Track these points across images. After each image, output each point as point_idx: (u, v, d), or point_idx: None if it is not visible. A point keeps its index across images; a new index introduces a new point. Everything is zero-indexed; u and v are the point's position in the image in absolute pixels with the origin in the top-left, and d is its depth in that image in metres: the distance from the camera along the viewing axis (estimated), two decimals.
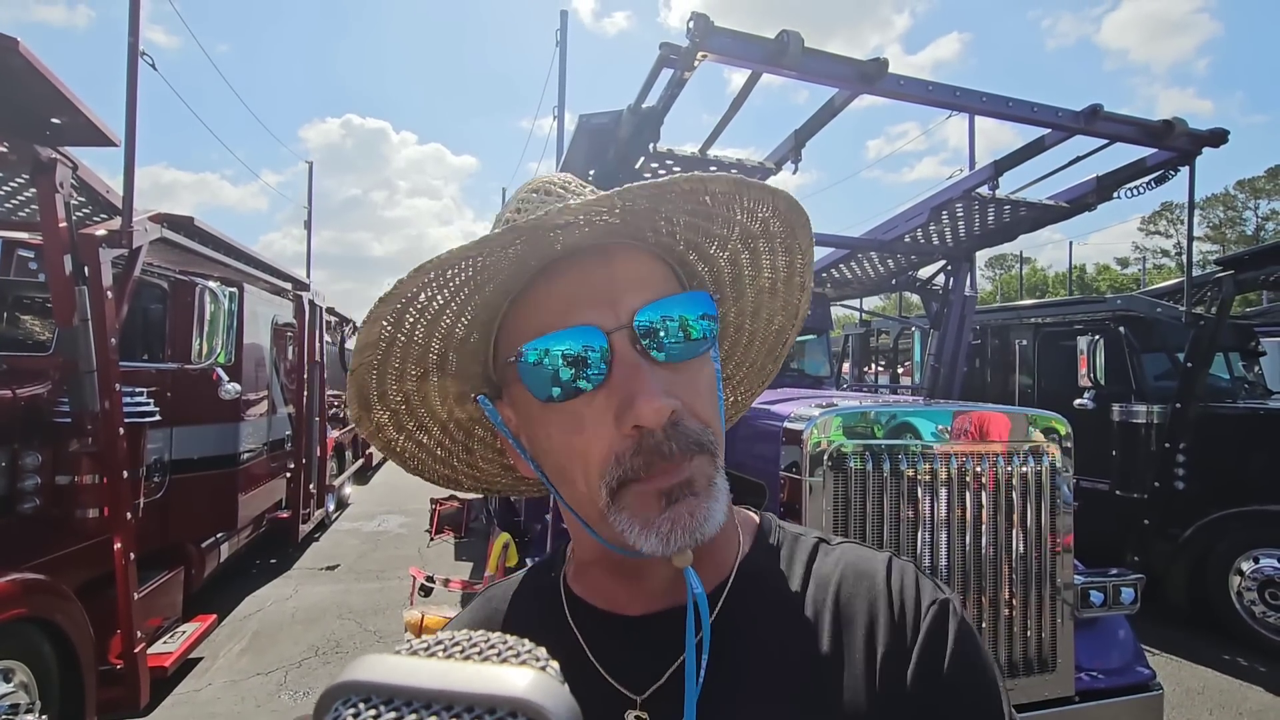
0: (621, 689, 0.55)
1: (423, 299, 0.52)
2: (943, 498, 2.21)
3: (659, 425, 0.49)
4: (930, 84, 3.12)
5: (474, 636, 0.30)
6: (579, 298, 0.53)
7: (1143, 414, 5.02)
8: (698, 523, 0.50)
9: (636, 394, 0.49)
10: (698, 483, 0.51)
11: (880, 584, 0.57)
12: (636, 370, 0.50)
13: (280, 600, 5.13)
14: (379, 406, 0.60)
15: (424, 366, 0.58)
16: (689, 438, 0.50)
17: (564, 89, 6.84)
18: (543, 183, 0.60)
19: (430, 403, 0.62)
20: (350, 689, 0.26)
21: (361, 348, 0.54)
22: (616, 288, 0.53)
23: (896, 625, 0.55)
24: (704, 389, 0.54)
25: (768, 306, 0.67)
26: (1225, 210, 40.75)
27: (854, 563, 0.59)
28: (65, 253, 2.76)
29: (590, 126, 3.30)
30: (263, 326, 5.45)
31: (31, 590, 2.52)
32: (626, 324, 0.51)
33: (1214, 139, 3.55)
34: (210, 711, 3.42)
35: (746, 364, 0.72)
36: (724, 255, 0.61)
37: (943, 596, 0.57)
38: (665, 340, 0.52)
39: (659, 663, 0.55)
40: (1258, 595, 4.32)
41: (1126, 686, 2.34)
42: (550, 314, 0.53)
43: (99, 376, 2.88)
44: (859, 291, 6.73)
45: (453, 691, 0.25)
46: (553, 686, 0.26)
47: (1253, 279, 4.98)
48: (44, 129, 2.65)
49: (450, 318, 0.55)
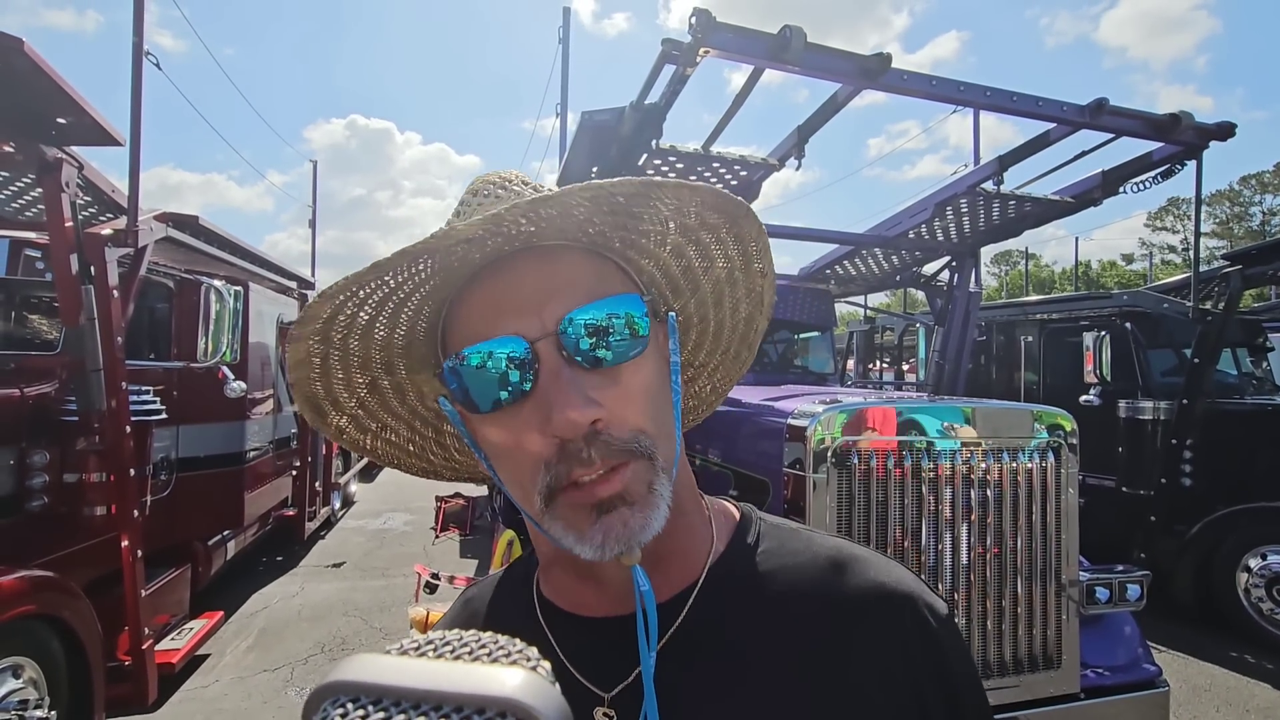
0: (591, 687, 0.56)
1: (343, 317, 0.52)
2: (947, 494, 2.20)
3: (576, 435, 0.49)
4: (934, 79, 3.10)
5: (464, 636, 0.30)
6: (502, 306, 0.52)
7: (1149, 410, 5.00)
8: (631, 531, 0.50)
9: (554, 403, 0.49)
10: (633, 492, 0.50)
11: (856, 579, 0.57)
12: (558, 378, 0.50)
13: (286, 597, 5.16)
14: (334, 412, 0.60)
15: (370, 374, 0.58)
16: (610, 447, 0.50)
17: (567, 84, 6.84)
18: (482, 183, 0.59)
19: (389, 405, 0.62)
20: (339, 689, 0.25)
21: (293, 365, 0.54)
22: (542, 293, 0.52)
23: (873, 620, 0.55)
24: (637, 393, 0.53)
25: (730, 295, 0.66)
26: (1232, 205, 40.46)
27: (830, 556, 0.59)
28: (71, 252, 2.77)
29: (593, 123, 3.29)
30: (268, 325, 5.47)
31: (40, 587, 2.53)
32: (552, 331, 0.51)
33: (1221, 133, 3.52)
34: (217, 708, 3.44)
35: (719, 351, 0.72)
36: (666, 250, 0.60)
37: (918, 590, 0.57)
38: (592, 344, 0.51)
39: (626, 662, 0.55)
40: (1265, 592, 4.30)
41: (1132, 683, 2.33)
42: (475, 323, 0.53)
43: (105, 375, 2.89)
44: (863, 288, 6.70)
45: (442, 691, 0.24)
46: (543, 687, 0.26)
47: (1260, 274, 4.95)
48: (50, 129, 2.67)
49: (384, 329, 0.55)
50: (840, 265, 5.71)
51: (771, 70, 2.94)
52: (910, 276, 5.85)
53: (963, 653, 0.57)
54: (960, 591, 2.20)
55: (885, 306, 10.43)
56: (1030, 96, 3.20)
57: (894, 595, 0.56)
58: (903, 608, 0.55)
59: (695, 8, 2.62)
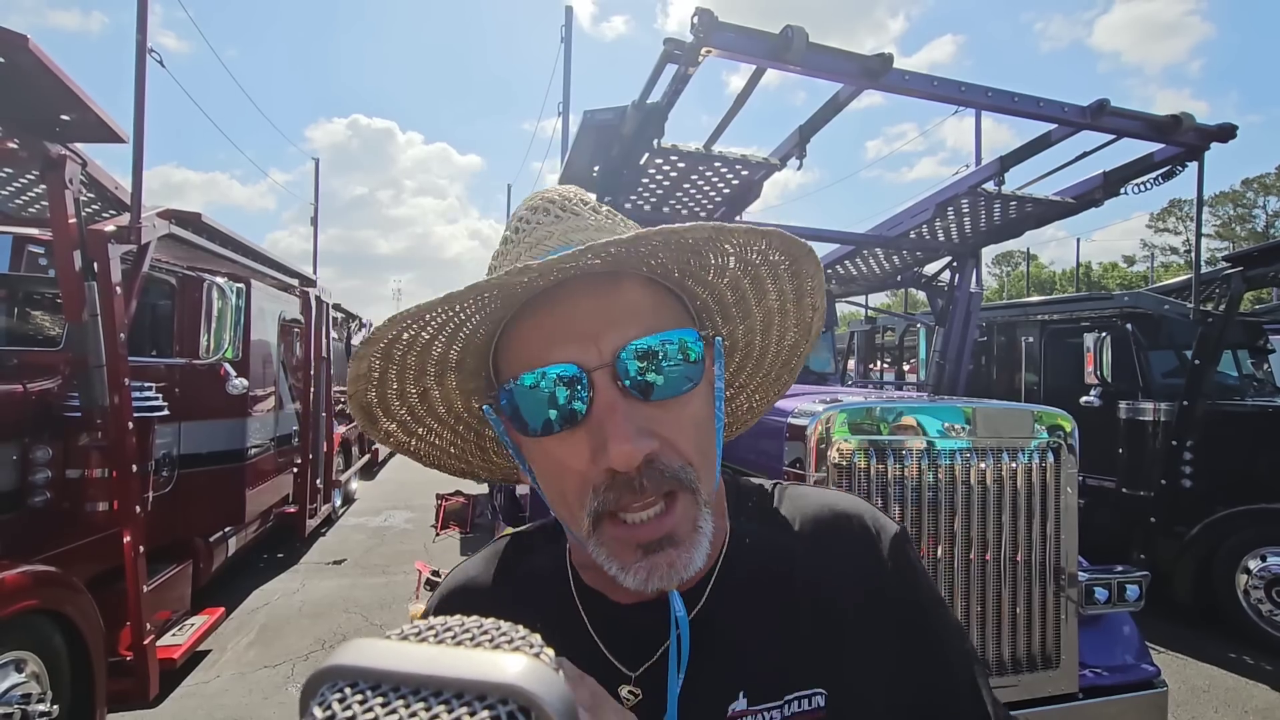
0: (618, 665, 0.58)
1: (406, 338, 0.53)
2: (947, 494, 2.20)
3: (630, 469, 0.49)
4: (935, 79, 3.11)
5: (466, 622, 0.29)
6: (562, 333, 0.52)
7: (1150, 411, 4.99)
8: (676, 571, 0.51)
9: (610, 436, 0.49)
10: (679, 532, 0.52)
11: (853, 522, 0.64)
12: (614, 411, 0.50)
13: (287, 594, 5.17)
14: (384, 418, 0.62)
15: (423, 385, 0.60)
16: (663, 475, 0.51)
17: (569, 82, 6.84)
18: (543, 200, 0.60)
19: (436, 412, 0.63)
20: (337, 673, 0.25)
21: (354, 379, 0.56)
22: (601, 322, 0.52)
23: (874, 557, 0.62)
24: (688, 425, 0.54)
25: (778, 325, 0.67)
26: (1235, 207, 40.38)
27: (814, 506, 0.66)
28: (74, 249, 2.78)
29: (594, 122, 3.30)
30: (270, 322, 5.48)
31: (42, 582, 2.54)
32: (609, 361, 0.51)
33: (1222, 134, 3.53)
34: (218, 703, 3.45)
35: (760, 374, 0.73)
36: (724, 281, 0.60)
37: (900, 527, 0.65)
38: (648, 378, 0.51)
39: (652, 643, 0.58)
40: (1264, 593, 4.29)
41: (1131, 684, 2.33)
42: (532, 348, 0.53)
43: (108, 372, 2.90)
44: (864, 288, 6.70)
45: (442, 677, 0.24)
46: (545, 673, 0.25)
47: (1262, 275, 4.94)
48: (53, 126, 2.67)
49: (441, 346, 0.56)
50: (841, 265, 5.72)
51: (772, 71, 2.94)
52: (911, 277, 5.86)
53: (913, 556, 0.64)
54: (959, 591, 2.20)
55: (886, 307, 10.42)
56: (1031, 97, 3.20)
57: (884, 532, 0.64)
58: (895, 543, 0.63)
59: (698, 7, 2.63)
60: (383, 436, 0.63)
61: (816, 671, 0.57)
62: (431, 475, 9.79)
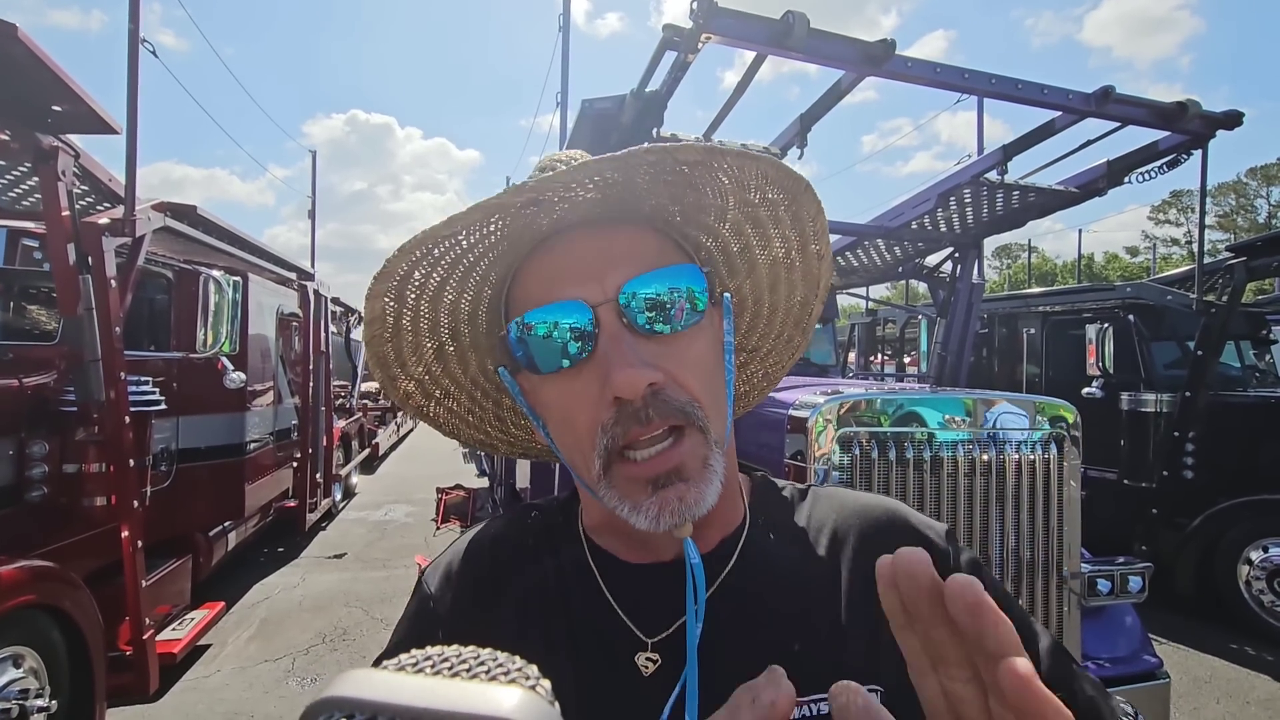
0: (636, 631, 0.57)
1: (417, 276, 0.53)
2: (949, 486, 2.19)
3: (636, 395, 0.50)
4: (938, 66, 3.07)
5: (463, 652, 0.30)
6: (566, 273, 0.54)
7: (1152, 403, 4.98)
8: (687, 506, 0.51)
9: (613, 365, 0.50)
10: (688, 467, 0.52)
11: (885, 516, 0.62)
12: (618, 342, 0.51)
13: (288, 588, 5.17)
14: (402, 375, 0.62)
15: (438, 339, 0.60)
16: (669, 405, 0.51)
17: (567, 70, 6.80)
18: (550, 160, 0.61)
19: (452, 372, 0.64)
20: (333, 705, 0.25)
21: (369, 322, 0.56)
22: (604, 262, 0.53)
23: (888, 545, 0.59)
24: (693, 361, 0.54)
25: (786, 280, 0.67)
26: (1237, 198, 40.24)
27: (849, 502, 0.64)
28: (68, 241, 2.75)
29: (593, 112, 3.26)
30: (267, 316, 5.46)
31: (40, 577, 2.53)
32: (612, 297, 0.52)
33: (1228, 121, 3.49)
34: (219, 698, 3.45)
35: (771, 335, 0.72)
36: (725, 226, 0.60)
37: (948, 527, 0.63)
38: (651, 313, 0.52)
39: (670, 610, 0.57)
40: (1266, 584, 4.29)
41: (1133, 675, 2.32)
42: (539, 288, 0.55)
43: (104, 365, 2.88)
44: (865, 280, 6.67)
45: (438, 710, 0.24)
46: (541, 707, 0.25)
47: (1265, 266, 4.90)
48: (45, 116, 2.64)
49: (452, 293, 0.56)
50: (842, 256, 5.68)
51: (766, 66, 2.91)
52: (912, 268, 5.82)
53: (966, 552, 0.62)
54: None
55: (887, 299, 10.40)
56: (1035, 84, 3.17)
57: (902, 517, 0.62)
58: (914, 525, 0.61)
59: None
60: (402, 397, 0.63)
61: (868, 669, 0.54)
62: (432, 469, 9.82)
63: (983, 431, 2.24)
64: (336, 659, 3.92)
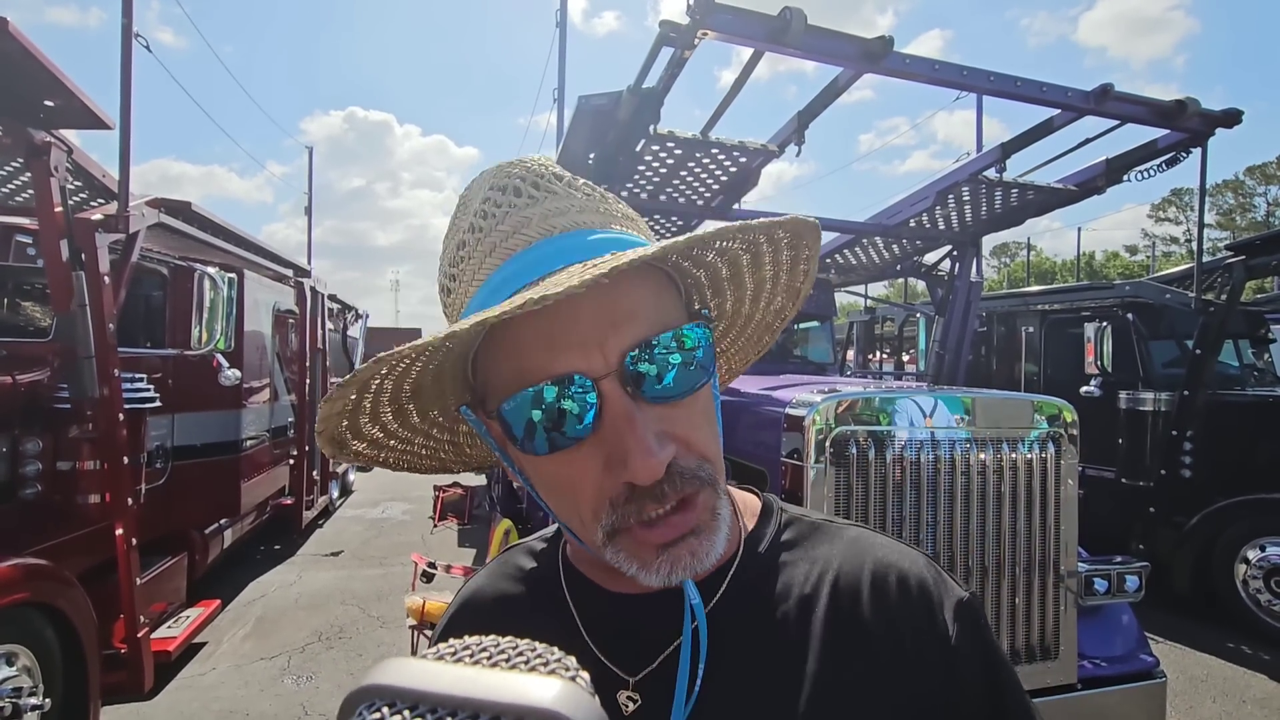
0: (614, 669, 0.54)
1: (385, 369, 0.48)
2: (946, 485, 2.18)
3: (652, 481, 0.46)
4: (937, 63, 3.05)
5: (501, 642, 0.30)
6: (560, 339, 0.47)
7: (1150, 401, 4.97)
8: (699, 560, 0.49)
9: (630, 451, 0.46)
10: (700, 521, 0.49)
11: (897, 577, 0.56)
12: (629, 420, 0.46)
13: (284, 586, 5.16)
14: (355, 441, 0.56)
15: (397, 404, 0.55)
16: (684, 477, 0.48)
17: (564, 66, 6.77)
18: (508, 178, 0.53)
19: (409, 422, 0.58)
20: (374, 693, 0.25)
21: (326, 417, 0.51)
22: (603, 324, 0.47)
23: (918, 621, 0.54)
24: (701, 420, 0.51)
25: (768, 292, 0.64)
26: (1236, 196, 40.24)
27: (865, 550, 0.58)
28: (61, 237, 2.74)
29: (590, 108, 3.24)
30: (263, 314, 5.43)
31: (33, 575, 2.52)
32: (616, 367, 0.47)
33: (1228, 119, 3.48)
34: (214, 695, 3.44)
35: (742, 339, 0.70)
36: (723, 260, 0.57)
37: (967, 595, 0.56)
38: (659, 380, 0.48)
39: (653, 645, 0.54)
40: (1263, 583, 4.29)
41: (1130, 674, 2.32)
42: (529, 358, 0.48)
43: (97, 362, 2.86)
44: (863, 278, 6.66)
45: (479, 699, 0.24)
46: (581, 698, 0.25)
47: (1264, 264, 4.90)
48: (37, 112, 2.62)
49: (418, 369, 0.51)
50: (840, 254, 5.67)
51: (763, 64, 2.90)
52: (911, 266, 5.82)
53: (988, 634, 0.56)
54: (958, 581, 2.18)
55: (885, 297, 10.38)
56: (1034, 82, 3.15)
57: (945, 599, 0.55)
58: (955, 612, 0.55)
59: None
60: (352, 457, 0.57)
61: None
62: None
63: (981, 430, 2.23)
64: (332, 657, 3.91)
